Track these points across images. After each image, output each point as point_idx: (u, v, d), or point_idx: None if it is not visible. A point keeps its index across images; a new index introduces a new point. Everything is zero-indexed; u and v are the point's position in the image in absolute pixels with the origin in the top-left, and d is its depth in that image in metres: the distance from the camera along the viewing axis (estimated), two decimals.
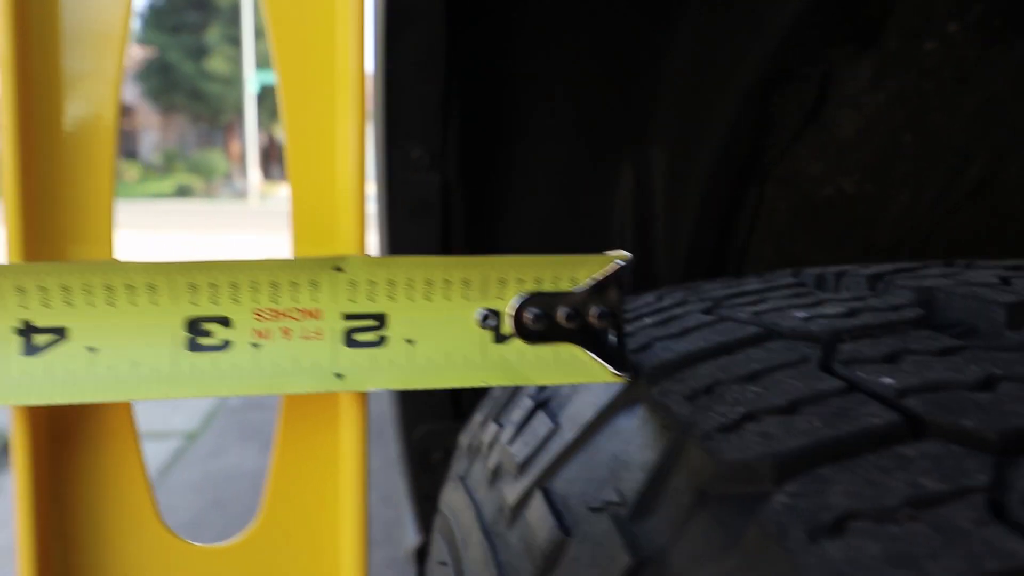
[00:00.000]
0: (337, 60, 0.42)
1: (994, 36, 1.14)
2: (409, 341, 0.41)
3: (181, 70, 24.11)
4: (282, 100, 0.42)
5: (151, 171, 26.02)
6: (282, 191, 20.25)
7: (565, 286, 0.42)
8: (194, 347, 0.40)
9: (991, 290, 0.43)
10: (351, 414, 0.44)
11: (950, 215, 1.41)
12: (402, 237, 1.28)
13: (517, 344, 0.42)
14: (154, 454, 3.19)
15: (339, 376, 0.41)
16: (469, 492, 0.62)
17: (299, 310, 0.40)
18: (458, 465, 0.76)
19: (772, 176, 1.38)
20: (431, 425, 1.44)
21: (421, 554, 1.59)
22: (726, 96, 1.26)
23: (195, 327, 0.40)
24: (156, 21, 24.08)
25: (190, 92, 24.66)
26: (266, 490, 0.45)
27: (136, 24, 25.55)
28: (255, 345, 0.40)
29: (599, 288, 0.43)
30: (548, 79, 1.30)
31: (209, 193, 23.60)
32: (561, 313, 0.42)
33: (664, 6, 1.21)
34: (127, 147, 29.60)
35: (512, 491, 0.50)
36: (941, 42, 1.14)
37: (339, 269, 0.40)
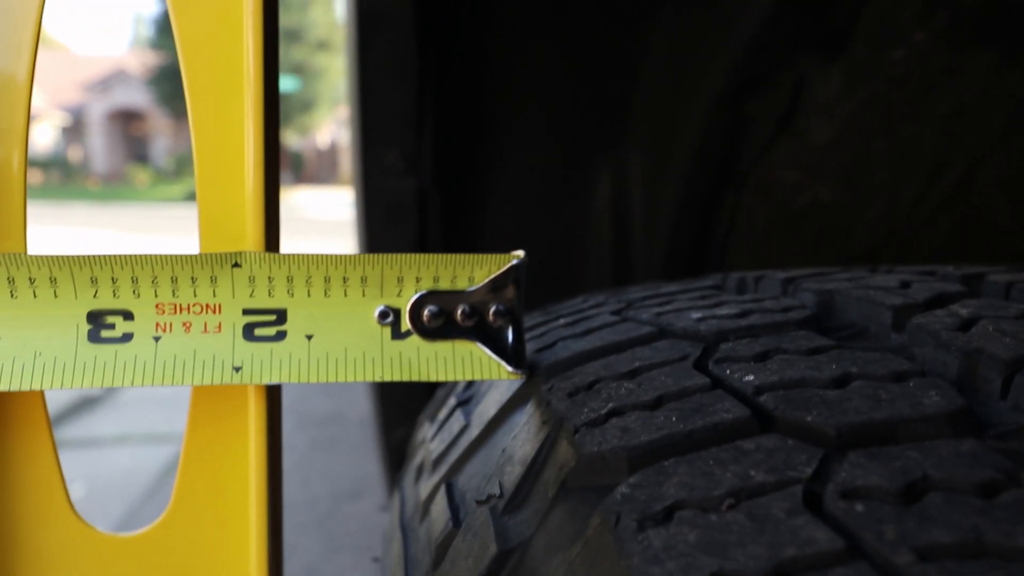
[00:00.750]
0: (243, 61, 0.43)
1: (961, 44, 1.15)
2: (308, 336, 0.43)
3: None
4: (188, 98, 0.43)
5: (162, 176, 26.18)
6: (292, 197, 20.34)
7: (463, 284, 0.44)
8: (96, 339, 0.41)
9: (884, 293, 0.44)
10: (257, 407, 0.45)
11: (928, 222, 1.42)
12: (378, 242, 1.29)
13: (415, 340, 0.44)
14: (155, 457, 3.21)
15: (237, 369, 0.42)
16: (401, 490, 0.63)
17: (199, 304, 0.42)
18: (404, 466, 0.77)
19: (748, 183, 1.38)
20: (409, 428, 1.44)
21: None
22: (699, 103, 1.27)
23: (97, 319, 0.41)
24: (169, 27, 24.22)
25: None
26: (176, 480, 0.46)
27: (150, 30, 25.72)
28: (156, 338, 0.42)
29: (496, 286, 0.44)
30: (523, 87, 1.31)
31: None
32: (459, 311, 0.43)
33: (636, 14, 1.22)
34: (139, 152, 29.79)
35: (426, 487, 0.51)
36: (909, 51, 1.15)
37: (237, 265, 0.42)
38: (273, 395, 0.46)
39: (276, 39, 0.45)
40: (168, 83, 24.22)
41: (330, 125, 28.95)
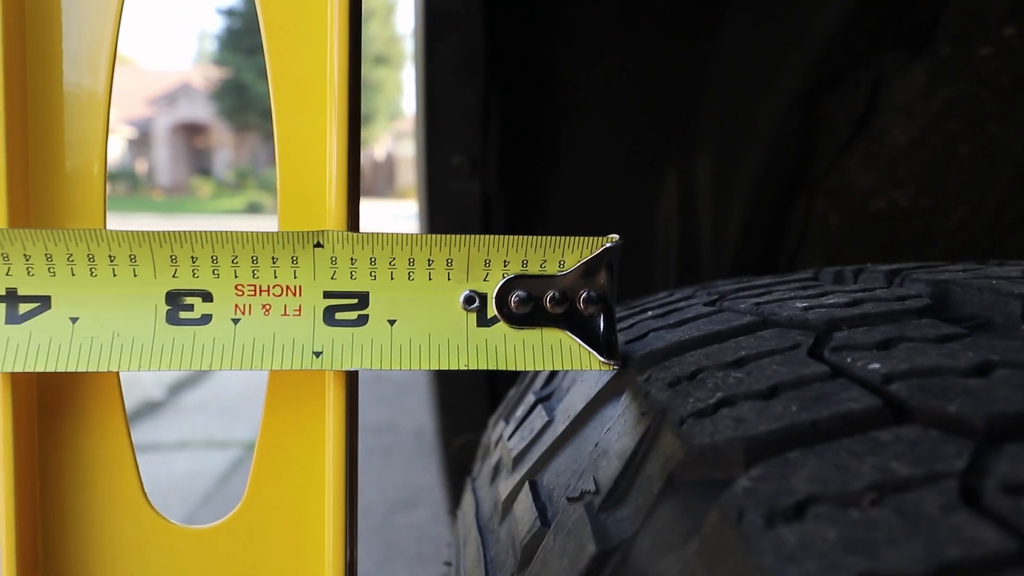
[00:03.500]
0: (325, 42, 0.42)
1: None
2: (390, 321, 0.41)
3: (254, 90, 24.78)
4: (269, 67, 0.42)
5: (224, 188, 26.76)
6: None
7: (552, 269, 0.41)
8: (174, 320, 0.40)
9: (1008, 283, 0.41)
10: (336, 394, 0.43)
11: (1011, 229, 1.35)
12: None
13: (501, 327, 0.41)
14: (215, 463, 3.25)
15: (317, 354, 0.40)
16: (475, 492, 0.61)
17: (280, 286, 0.40)
18: (474, 468, 0.75)
19: (821, 187, 1.34)
20: (469, 436, 1.43)
21: None
22: (771, 104, 1.23)
23: (176, 300, 0.40)
24: (232, 43, 24.86)
25: (263, 112, 25.28)
26: (251, 471, 0.45)
27: (213, 46, 26.40)
28: (235, 320, 0.40)
29: (588, 271, 0.41)
30: (589, 88, 1.29)
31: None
32: (548, 297, 0.41)
33: (706, 13, 1.19)
34: (202, 164, 30.55)
35: (506, 487, 0.49)
36: (997, 48, 1.10)
37: (319, 245, 0.40)
38: (352, 382, 0.44)
39: (359, 13, 0.44)
40: (230, 97, 24.81)
41: (387, 138, 29.31)
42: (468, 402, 1.39)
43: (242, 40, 24.79)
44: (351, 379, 0.44)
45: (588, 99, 1.30)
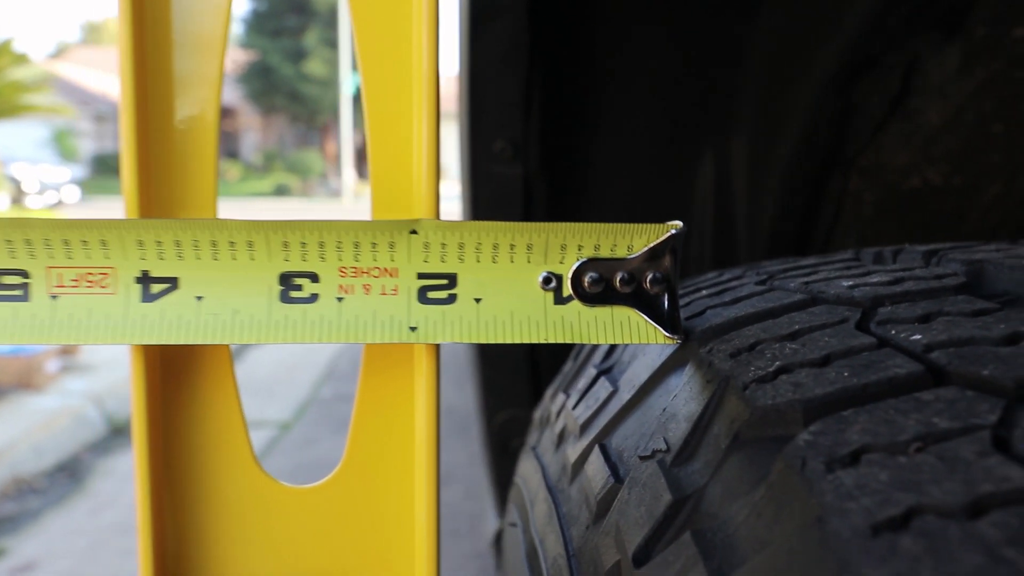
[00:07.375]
0: (413, 42, 0.46)
1: None
2: (476, 299, 0.46)
3: (281, 73, 24.92)
4: (363, 81, 0.47)
5: (251, 170, 26.97)
6: None
7: (622, 252, 0.46)
8: (286, 299, 0.45)
9: None
10: (426, 365, 0.48)
11: None
12: None
13: (576, 305, 0.46)
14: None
15: (413, 329, 0.45)
16: (538, 458, 0.66)
17: (378, 268, 0.45)
18: (530, 438, 0.80)
19: (856, 166, 1.37)
20: (511, 412, 1.48)
21: (499, 539, 1.62)
22: (807, 85, 1.26)
23: (287, 281, 0.45)
24: (258, 25, 24.99)
25: (289, 94, 25.46)
26: (350, 435, 0.50)
27: (238, 28, 26.52)
28: (339, 299, 0.45)
29: (654, 255, 0.46)
30: (628, 70, 1.32)
31: (305, 192, 24.30)
32: (617, 278, 0.46)
33: None
34: (229, 147, 30.77)
35: (574, 450, 0.54)
36: None
37: (414, 232, 0.45)
38: (438, 354, 0.49)
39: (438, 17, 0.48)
40: (257, 80, 24.93)
41: None
42: (511, 380, 1.44)
43: (268, 22, 24.90)
44: (436, 349, 0.49)
45: (626, 80, 1.34)
